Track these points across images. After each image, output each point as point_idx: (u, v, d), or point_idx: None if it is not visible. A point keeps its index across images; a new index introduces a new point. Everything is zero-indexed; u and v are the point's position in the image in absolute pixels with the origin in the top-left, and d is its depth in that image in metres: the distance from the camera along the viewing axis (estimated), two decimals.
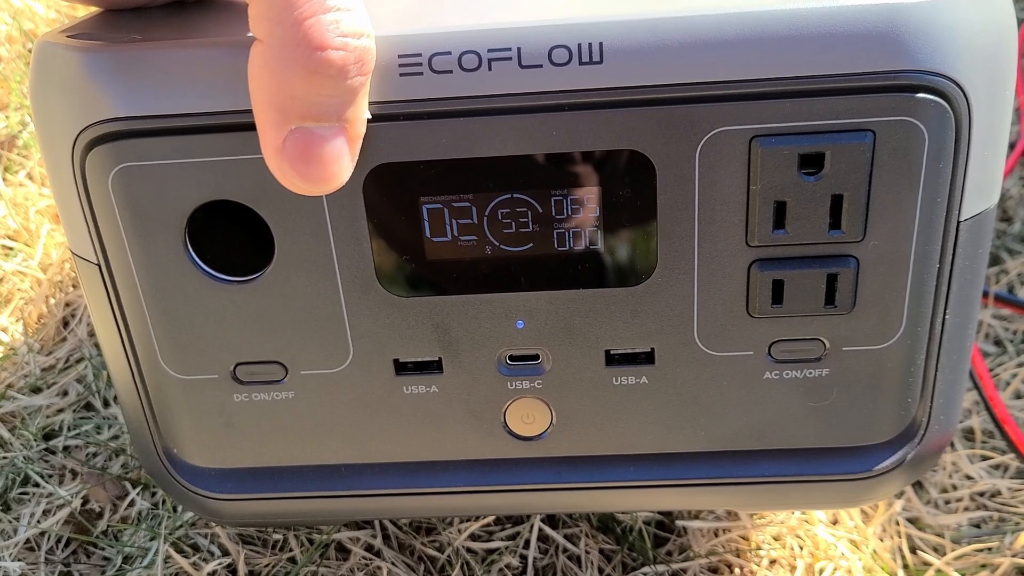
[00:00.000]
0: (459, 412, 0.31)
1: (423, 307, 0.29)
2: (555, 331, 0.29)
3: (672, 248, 0.28)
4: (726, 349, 0.30)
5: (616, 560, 0.44)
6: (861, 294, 0.28)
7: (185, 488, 0.33)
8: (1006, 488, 0.46)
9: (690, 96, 0.26)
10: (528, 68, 0.25)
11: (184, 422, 0.32)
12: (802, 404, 0.31)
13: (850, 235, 0.27)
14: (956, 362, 0.30)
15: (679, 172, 0.27)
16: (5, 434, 0.50)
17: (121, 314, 0.30)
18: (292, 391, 0.31)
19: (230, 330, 0.30)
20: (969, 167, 0.27)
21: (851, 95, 0.25)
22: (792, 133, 0.26)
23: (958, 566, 0.43)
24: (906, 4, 0.25)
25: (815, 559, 0.44)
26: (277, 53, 0.22)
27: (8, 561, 0.45)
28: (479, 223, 0.28)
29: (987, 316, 0.55)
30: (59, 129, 0.27)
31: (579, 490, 0.33)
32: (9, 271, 0.58)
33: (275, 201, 0.27)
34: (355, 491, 0.33)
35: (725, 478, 0.32)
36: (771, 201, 0.27)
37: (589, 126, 0.26)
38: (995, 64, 0.26)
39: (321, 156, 0.23)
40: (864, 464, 0.32)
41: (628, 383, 0.30)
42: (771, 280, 0.28)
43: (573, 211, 0.28)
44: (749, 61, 0.25)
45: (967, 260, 0.29)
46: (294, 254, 0.28)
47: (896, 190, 0.27)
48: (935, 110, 0.26)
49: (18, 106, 0.73)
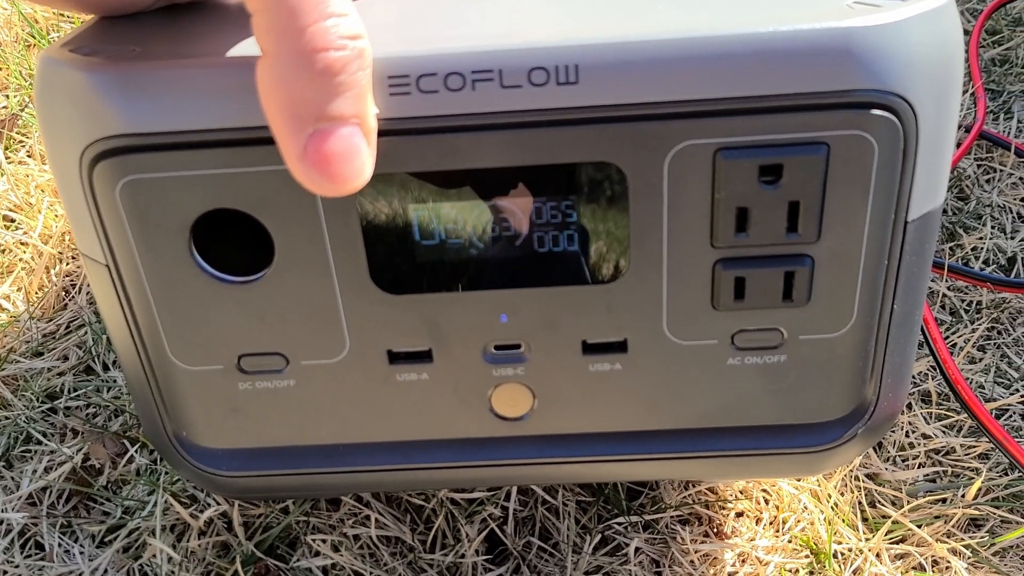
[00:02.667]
0: (448, 397, 0.33)
1: (414, 304, 0.31)
2: (536, 324, 0.32)
3: (643, 249, 0.30)
4: (692, 338, 0.32)
5: (592, 512, 0.46)
6: (816, 289, 0.30)
7: (195, 467, 0.35)
8: (959, 445, 0.49)
9: (659, 113, 0.27)
10: (509, 88, 0.27)
11: (192, 408, 0.34)
12: (763, 386, 0.33)
13: (806, 237, 0.29)
14: (903, 346, 0.33)
15: (649, 182, 0.28)
16: (8, 395, 0.52)
17: (130, 311, 0.31)
18: (293, 379, 0.33)
19: (234, 325, 0.31)
20: (916, 173, 0.29)
21: (807, 112, 0.27)
22: (753, 146, 0.27)
23: (914, 517, 0.46)
24: (859, 28, 0.26)
25: (779, 511, 0.47)
26: (285, 62, 0.23)
27: (11, 512, 0.47)
28: (464, 227, 0.30)
29: (943, 287, 0.58)
30: (66, 143, 0.29)
31: (559, 464, 0.35)
32: (11, 242, 0.60)
33: (274, 209, 0.29)
34: (352, 467, 0.35)
35: (693, 452, 0.35)
36: (733, 208, 0.29)
37: (566, 140, 0.28)
38: (942, 81, 0.28)
39: (343, 153, 0.24)
40: (819, 439, 0.34)
41: (603, 370, 0.32)
42: (733, 278, 0.30)
43: (552, 216, 0.29)
44: (713, 81, 0.27)
45: (914, 255, 0.31)
46: (293, 257, 0.30)
47: (848, 196, 0.28)
48: (885, 125, 0.27)
49: (18, 87, 0.75)
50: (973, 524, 0.46)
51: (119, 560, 0.45)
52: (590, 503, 0.47)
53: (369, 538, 0.45)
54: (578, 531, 0.45)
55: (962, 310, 0.57)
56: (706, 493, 0.47)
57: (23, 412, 0.51)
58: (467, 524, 0.45)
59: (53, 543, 0.46)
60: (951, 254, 0.61)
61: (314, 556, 0.44)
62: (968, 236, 0.61)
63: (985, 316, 0.56)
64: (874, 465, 0.48)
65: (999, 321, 0.56)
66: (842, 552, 0.45)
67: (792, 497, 0.47)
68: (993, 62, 0.75)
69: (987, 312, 0.56)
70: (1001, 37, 0.77)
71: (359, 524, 0.45)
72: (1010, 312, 0.56)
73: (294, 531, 0.45)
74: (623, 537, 0.45)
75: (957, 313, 0.57)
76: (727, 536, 0.45)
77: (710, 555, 0.44)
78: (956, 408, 0.51)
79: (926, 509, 0.46)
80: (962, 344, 0.54)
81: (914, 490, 0.47)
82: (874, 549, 0.45)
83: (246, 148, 0.28)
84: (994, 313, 0.56)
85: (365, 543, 0.45)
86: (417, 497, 0.46)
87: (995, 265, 0.60)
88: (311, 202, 0.29)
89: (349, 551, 0.44)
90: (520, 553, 0.45)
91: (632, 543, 0.44)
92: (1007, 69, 0.74)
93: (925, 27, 0.27)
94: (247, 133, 0.27)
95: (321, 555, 0.44)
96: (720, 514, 0.46)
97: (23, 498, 0.47)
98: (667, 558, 0.44)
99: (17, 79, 0.76)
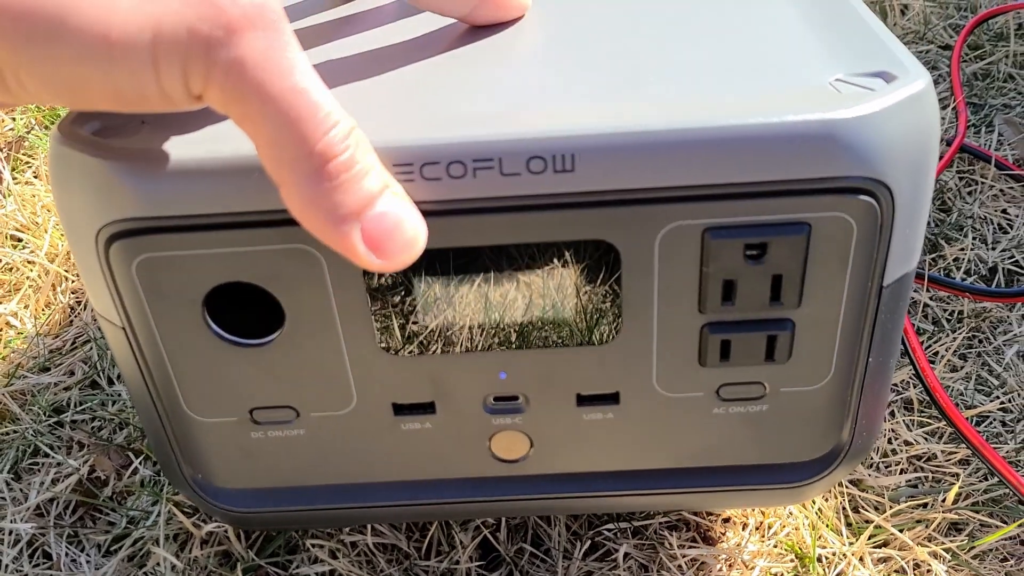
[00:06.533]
0: (450, 443, 0.35)
1: (418, 363, 0.33)
2: (533, 380, 0.33)
3: (635, 316, 0.32)
4: (680, 391, 0.34)
5: (582, 519, 0.48)
6: (797, 349, 0.32)
7: (211, 503, 0.37)
8: (940, 451, 0.50)
9: (650, 197, 0.29)
10: (508, 176, 0.28)
11: (207, 454, 0.35)
12: (745, 432, 0.35)
13: (788, 305, 0.31)
14: (877, 392, 0.35)
15: (641, 258, 0.30)
16: (16, 409, 0.53)
17: (147, 368, 0.33)
18: (303, 429, 0.34)
19: (246, 383, 0.33)
20: (892, 245, 0.30)
21: (791, 196, 0.28)
22: (739, 226, 0.29)
23: (896, 522, 0.47)
24: (843, 119, 0.27)
25: (765, 517, 0.48)
26: (306, 185, 0.25)
27: (20, 523, 0.48)
28: (467, 298, 0.31)
29: (925, 298, 0.59)
30: (82, 222, 0.29)
31: (554, 500, 0.38)
32: (18, 260, 0.61)
33: (284, 282, 0.30)
34: (360, 504, 0.37)
35: (680, 488, 0.37)
36: (720, 280, 0.30)
37: (562, 222, 0.29)
38: (919, 162, 0.29)
39: (391, 229, 0.26)
40: (798, 476, 0.37)
41: (596, 418, 0.35)
42: (720, 340, 0.32)
43: (550, 287, 0.31)
44: (702, 168, 0.28)
45: (888, 314, 0.32)
46: (303, 323, 0.31)
47: (828, 269, 0.30)
48: (864, 207, 0.29)
49: (24, 109, 0.77)
50: (954, 528, 0.48)
51: (124, 569, 0.46)
52: None
53: (366, 545, 0.46)
54: (569, 537, 0.47)
55: (944, 319, 0.58)
56: None
57: (31, 426, 0.52)
58: (461, 532, 0.47)
59: (60, 553, 0.47)
60: (933, 264, 0.62)
61: (313, 563, 0.45)
62: (950, 247, 0.62)
63: (966, 325, 0.57)
64: (857, 471, 0.50)
65: (980, 330, 0.58)
66: (826, 556, 0.46)
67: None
68: (975, 76, 0.77)
69: (968, 321, 0.58)
70: (983, 52, 0.79)
71: (356, 532, 0.46)
72: (991, 321, 0.58)
73: (293, 539, 0.47)
74: (612, 543, 0.46)
75: (939, 323, 0.58)
76: (714, 541, 0.47)
77: (697, 560, 0.45)
78: (937, 415, 0.52)
79: (908, 514, 0.47)
80: (943, 353, 0.55)
81: (896, 495, 0.49)
82: (857, 553, 0.46)
83: (256, 229, 0.29)
84: (974, 323, 0.58)
85: (362, 550, 0.46)
86: None
87: (976, 275, 0.62)
88: (319, 275, 0.30)
89: (347, 558, 0.46)
90: (512, 559, 0.46)
91: (621, 548, 0.46)
92: (989, 83, 0.76)
93: (905, 114, 0.28)
94: (257, 216, 0.28)
95: (320, 562, 0.45)
96: (707, 520, 0.48)
97: (31, 509, 0.49)
98: (655, 563, 0.45)
99: None
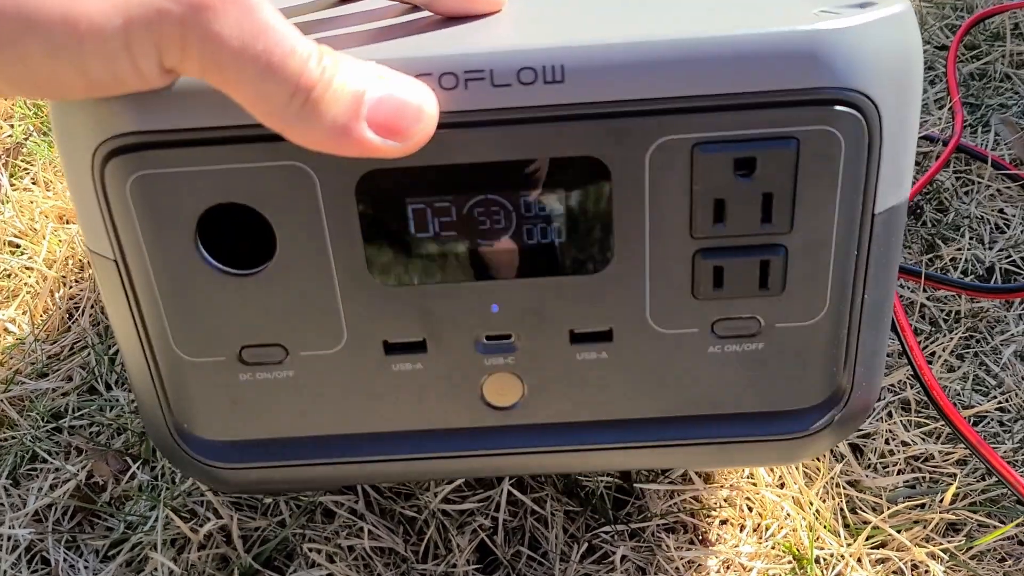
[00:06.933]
0: (441, 386, 0.35)
1: (409, 295, 0.33)
2: (526, 314, 0.33)
3: (626, 240, 0.32)
4: (675, 327, 0.33)
5: (580, 521, 0.48)
6: (790, 278, 0.32)
7: (194, 459, 0.36)
8: (937, 452, 0.50)
9: (640, 110, 0.29)
10: (499, 87, 0.29)
11: (194, 400, 0.35)
12: (742, 374, 0.34)
13: (779, 227, 0.31)
14: (875, 336, 0.34)
15: (631, 175, 0.30)
16: (14, 415, 0.53)
17: (136, 305, 0.33)
18: (292, 370, 0.34)
19: (236, 317, 0.33)
20: (881, 168, 0.31)
21: (778, 108, 0.29)
22: (728, 141, 0.30)
23: (893, 523, 0.47)
24: (824, 30, 0.29)
25: (762, 518, 0.48)
26: (304, 119, 0.26)
27: (19, 529, 0.48)
28: (458, 221, 0.31)
29: (922, 298, 0.59)
30: (79, 141, 0.30)
31: (548, 453, 0.37)
32: (16, 267, 0.62)
33: (277, 203, 0.31)
34: (348, 458, 0.36)
35: (677, 440, 0.36)
36: (711, 199, 0.31)
37: (553, 136, 0.30)
38: (902, 80, 0.30)
39: (395, 104, 0.27)
40: (797, 425, 0.36)
41: (590, 358, 0.34)
42: (712, 267, 0.32)
43: (540, 210, 0.31)
44: (690, 79, 0.29)
45: (882, 247, 0.32)
46: (294, 249, 0.31)
47: (818, 188, 0.30)
48: (850, 120, 0.29)
49: (22, 116, 0.77)
50: (951, 528, 0.48)
51: (122, 574, 0.46)
52: (578, 513, 0.48)
53: (363, 549, 0.46)
54: (566, 540, 0.47)
55: (941, 319, 0.58)
56: (690, 501, 0.48)
57: (29, 431, 0.53)
58: (458, 535, 0.47)
59: (59, 558, 0.47)
60: (930, 264, 0.62)
61: (310, 567, 0.46)
62: (947, 247, 0.62)
63: (963, 325, 0.57)
64: (855, 472, 0.50)
65: (977, 330, 0.58)
66: (824, 558, 0.46)
67: (775, 504, 0.48)
68: (972, 76, 0.77)
69: (965, 321, 0.58)
70: (979, 52, 0.79)
71: (353, 536, 0.46)
72: (988, 321, 0.58)
73: (291, 543, 0.47)
74: (609, 545, 0.46)
75: (936, 323, 0.58)
76: (711, 543, 0.47)
77: (694, 562, 0.45)
78: (934, 416, 0.52)
79: (905, 515, 0.47)
80: (940, 353, 0.55)
81: (894, 496, 0.49)
82: (855, 554, 0.46)
83: (251, 144, 0.29)
84: (971, 322, 0.58)
85: (359, 554, 0.46)
86: (409, 509, 0.48)
87: (973, 275, 0.62)
88: (312, 195, 0.30)
89: (344, 561, 0.46)
90: (510, 562, 0.46)
91: (618, 551, 0.46)
92: (985, 83, 0.76)
93: (885, 31, 0.29)
94: (252, 130, 0.28)
95: (317, 566, 0.45)
96: (704, 522, 0.48)
97: (29, 515, 0.49)
98: (652, 565, 0.45)
99: (21, 108, 0.78)
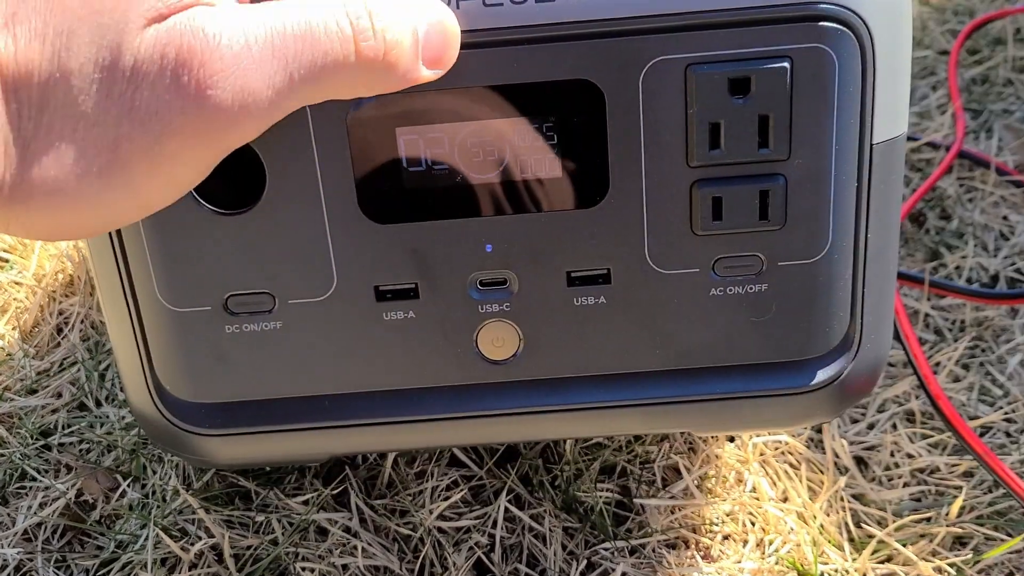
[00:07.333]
0: (435, 337, 0.33)
1: (401, 233, 0.32)
2: (520, 253, 0.32)
3: (622, 170, 0.31)
4: (675, 267, 0.33)
5: (578, 538, 0.47)
6: (791, 210, 0.32)
7: (174, 426, 0.35)
8: (943, 464, 0.49)
9: (633, 29, 0.29)
10: (491, 6, 0.29)
11: (177, 356, 0.34)
12: (745, 319, 0.34)
13: (777, 153, 0.31)
14: (881, 284, 0.34)
15: (625, 99, 0.30)
16: (3, 433, 0.53)
17: (121, 251, 0.32)
18: (280, 320, 0.33)
19: (223, 261, 0.32)
20: (876, 94, 0.31)
21: (771, 25, 0.30)
22: (722, 60, 0.30)
23: (899, 536, 0.46)
24: None
25: (765, 533, 0.47)
26: (371, 77, 0.26)
27: (7, 548, 0.47)
28: (450, 151, 0.31)
29: (927, 307, 0.58)
30: None
31: (545, 413, 0.35)
32: (5, 282, 0.61)
33: (267, 136, 0.30)
34: (338, 422, 0.35)
35: (680, 396, 0.35)
36: (707, 122, 0.30)
37: (546, 58, 0.30)
38: (893, 5, 0.31)
39: (441, 37, 0.28)
40: (805, 377, 0.35)
41: (588, 303, 0.33)
42: (711, 197, 0.31)
43: (533, 138, 0.31)
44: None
45: (882, 183, 0.32)
46: (284, 186, 0.31)
47: (814, 112, 0.30)
48: (842, 39, 0.30)
49: None
50: (958, 542, 0.47)
51: None
52: (576, 529, 0.47)
53: (357, 568, 0.45)
54: (565, 557, 0.46)
55: (946, 329, 0.57)
56: (692, 517, 0.47)
57: (18, 449, 0.52)
58: (455, 552, 0.46)
59: None
60: (934, 272, 0.61)
61: None
62: (951, 255, 0.62)
63: (968, 335, 0.56)
64: (860, 485, 0.49)
65: (982, 339, 0.57)
66: (828, 573, 0.45)
67: (778, 519, 0.47)
68: (974, 81, 0.76)
69: (970, 331, 0.57)
70: (981, 56, 0.78)
71: (347, 554, 0.46)
72: (993, 330, 0.57)
73: (283, 562, 0.46)
74: (609, 562, 0.45)
75: (941, 332, 0.57)
76: (713, 559, 0.46)
77: None
78: (940, 427, 0.51)
79: (911, 528, 0.46)
80: (945, 363, 0.54)
81: (899, 509, 0.48)
82: (860, 569, 0.45)
83: None
84: (976, 332, 0.57)
85: (353, 572, 0.45)
86: (404, 526, 0.47)
87: (978, 283, 0.61)
88: (303, 130, 0.30)
89: None
90: None
91: (618, 568, 0.45)
92: (987, 88, 0.75)
93: None
94: None
95: None
96: (706, 537, 0.47)
97: (19, 534, 0.48)
98: None
99: None
